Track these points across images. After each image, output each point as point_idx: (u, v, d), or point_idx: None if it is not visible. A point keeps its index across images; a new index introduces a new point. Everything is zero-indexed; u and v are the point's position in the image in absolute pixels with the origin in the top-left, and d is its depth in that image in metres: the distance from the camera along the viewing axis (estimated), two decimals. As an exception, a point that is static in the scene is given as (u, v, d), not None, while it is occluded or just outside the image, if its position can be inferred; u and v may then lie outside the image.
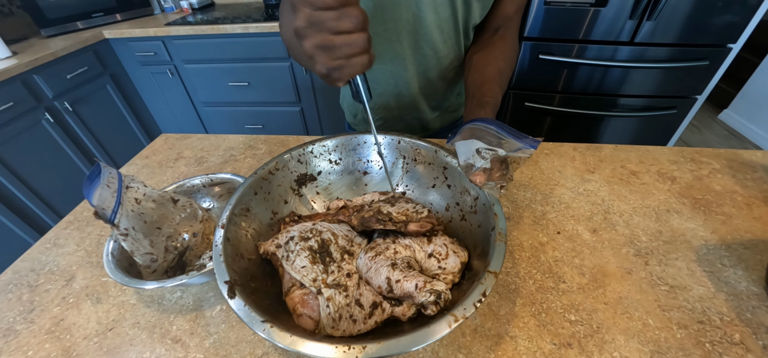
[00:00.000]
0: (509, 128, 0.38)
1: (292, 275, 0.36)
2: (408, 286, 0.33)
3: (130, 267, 0.42)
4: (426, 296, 0.31)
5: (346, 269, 0.37)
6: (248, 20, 1.57)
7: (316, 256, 0.37)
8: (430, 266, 0.37)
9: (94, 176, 0.38)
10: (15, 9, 1.64)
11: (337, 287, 0.35)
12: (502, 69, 0.54)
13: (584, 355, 0.35)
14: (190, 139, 0.76)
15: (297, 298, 0.34)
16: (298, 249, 0.37)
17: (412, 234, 0.39)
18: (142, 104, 1.94)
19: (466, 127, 0.42)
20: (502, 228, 0.35)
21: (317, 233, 0.40)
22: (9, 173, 1.32)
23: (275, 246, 0.39)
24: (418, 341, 0.27)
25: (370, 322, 0.33)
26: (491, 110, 0.47)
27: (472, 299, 0.29)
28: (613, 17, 1.19)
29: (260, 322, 0.28)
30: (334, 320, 0.33)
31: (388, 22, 0.55)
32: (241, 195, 0.41)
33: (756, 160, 0.60)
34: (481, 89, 0.50)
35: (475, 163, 0.39)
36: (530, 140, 0.36)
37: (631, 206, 0.52)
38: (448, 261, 0.37)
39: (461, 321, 0.27)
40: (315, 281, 0.35)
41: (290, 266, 0.36)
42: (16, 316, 0.42)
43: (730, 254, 0.44)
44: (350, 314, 0.34)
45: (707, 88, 1.32)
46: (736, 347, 0.35)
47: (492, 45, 0.57)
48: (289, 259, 0.37)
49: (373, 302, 0.34)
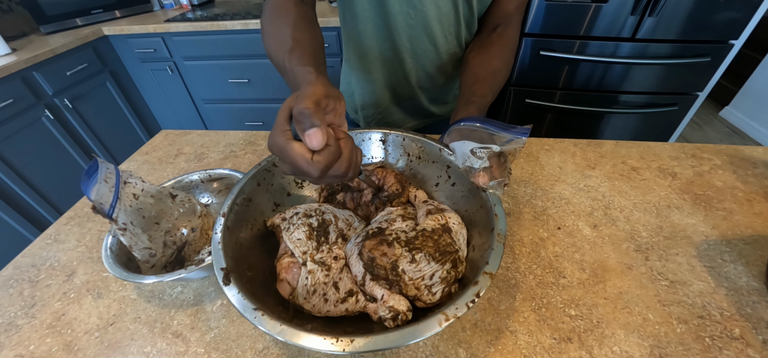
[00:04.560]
0: (495, 122, 0.38)
1: (287, 245, 0.38)
2: (376, 291, 0.34)
3: (129, 262, 0.42)
4: (384, 312, 0.32)
5: (335, 252, 0.39)
6: (248, 17, 1.57)
7: (313, 233, 0.39)
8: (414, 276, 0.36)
9: (92, 172, 0.38)
10: (14, 6, 1.63)
11: (322, 265, 0.36)
12: (496, 69, 0.53)
13: (584, 349, 0.35)
14: (190, 136, 0.76)
15: (284, 264, 0.37)
16: (299, 223, 0.39)
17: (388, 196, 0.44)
18: (142, 101, 1.93)
19: (452, 128, 0.42)
20: (502, 229, 0.34)
21: (320, 213, 0.42)
22: (9, 170, 1.32)
23: (281, 219, 0.41)
24: (407, 338, 0.27)
25: (340, 307, 0.35)
26: (476, 109, 0.46)
27: (465, 299, 0.29)
28: (614, 13, 1.18)
29: (252, 309, 0.29)
30: (308, 292, 0.35)
31: (388, 15, 0.55)
32: (244, 185, 0.41)
33: (757, 156, 0.60)
34: (471, 88, 0.50)
35: (473, 164, 0.38)
36: (519, 129, 0.36)
37: (631, 201, 0.52)
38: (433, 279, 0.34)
39: (452, 321, 0.27)
40: (304, 254, 0.37)
41: (288, 236, 0.38)
42: (17, 311, 0.42)
43: (731, 249, 0.44)
44: (324, 292, 0.35)
45: (709, 84, 1.32)
46: (736, 342, 0.35)
47: (489, 44, 0.56)
48: (289, 230, 0.39)
49: (350, 289, 0.36)
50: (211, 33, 1.58)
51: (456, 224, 0.39)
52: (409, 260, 0.34)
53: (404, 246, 0.35)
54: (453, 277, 0.34)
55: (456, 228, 0.38)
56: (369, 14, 0.57)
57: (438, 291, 0.33)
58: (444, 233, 0.37)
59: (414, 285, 0.33)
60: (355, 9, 0.57)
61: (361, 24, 0.58)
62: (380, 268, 0.34)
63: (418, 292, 0.33)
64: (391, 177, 0.46)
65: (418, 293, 0.33)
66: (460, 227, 0.39)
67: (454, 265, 0.35)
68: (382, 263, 0.34)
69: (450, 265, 0.34)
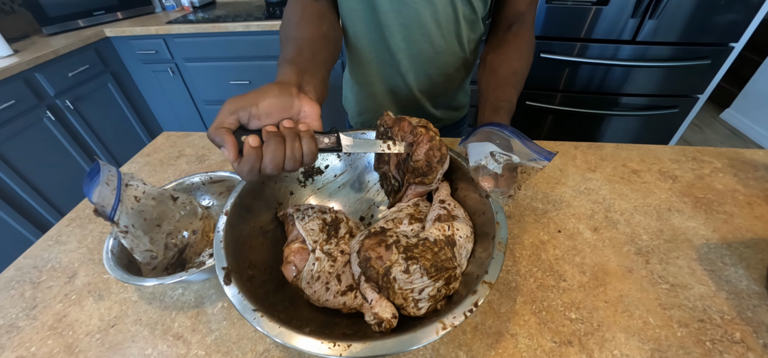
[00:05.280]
0: (525, 138, 0.37)
1: (300, 231, 0.39)
2: (368, 293, 0.34)
3: (130, 264, 0.42)
4: (369, 317, 0.32)
5: (342, 247, 0.39)
6: (250, 18, 1.57)
7: (325, 226, 0.40)
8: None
9: (94, 174, 0.38)
10: (16, 7, 1.64)
11: (329, 255, 0.38)
12: (517, 69, 0.52)
13: (585, 353, 0.35)
14: (192, 137, 0.76)
15: (294, 248, 0.38)
16: (314, 216, 0.41)
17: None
18: (144, 102, 1.94)
19: (481, 129, 0.41)
20: (503, 238, 0.34)
21: (333, 211, 0.43)
22: (11, 171, 1.32)
23: (295, 209, 0.42)
24: (404, 345, 0.27)
25: (339, 299, 0.35)
26: (506, 115, 0.45)
27: (463, 307, 0.29)
28: (615, 16, 1.18)
29: (251, 310, 0.29)
30: (312, 278, 0.36)
31: (378, 13, 0.54)
32: (248, 184, 0.41)
33: (758, 159, 0.60)
34: (496, 92, 0.49)
35: (488, 165, 0.37)
36: (545, 152, 0.36)
37: (632, 204, 0.52)
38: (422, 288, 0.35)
39: (449, 330, 0.27)
40: (315, 242, 0.38)
41: (302, 224, 0.40)
42: (18, 312, 0.42)
43: (731, 252, 0.44)
44: (327, 282, 0.36)
45: (709, 87, 1.32)
46: (736, 346, 0.35)
47: (506, 44, 0.55)
48: (303, 220, 0.41)
49: (350, 284, 0.36)
50: (212, 35, 1.59)
51: (463, 238, 0.37)
52: (403, 270, 0.33)
53: (402, 252, 0.34)
54: (443, 295, 0.33)
55: (461, 242, 0.37)
56: (360, 14, 0.55)
57: (424, 307, 0.33)
58: (446, 245, 0.35)
59: (402, 295, 0.33)
60: (344, 9, 0.56)
61: (352, 24, 0.57)
62: (373, 270, 0.34)
63: (405, 302, 0.33)
64: (423, 149, 0.40)
65: (405, 304, 0.33)
66: (467, 241, 0.37)
67: (447, 282, 0.33)
68: (376, 266, 0.34)
69: (442, 282, 0.33)
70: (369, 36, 0.58)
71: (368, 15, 0.55)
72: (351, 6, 0.55)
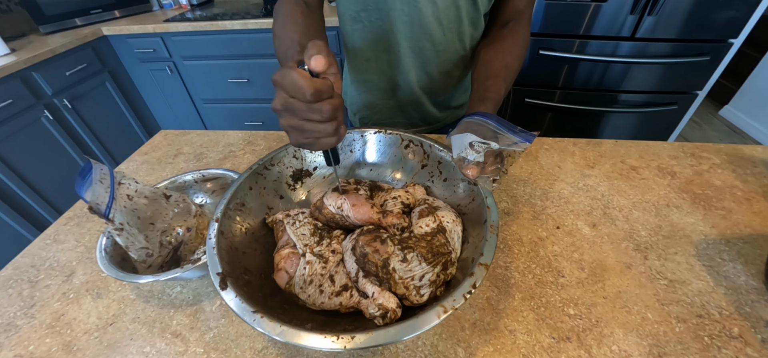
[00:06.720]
0: (505, 122, 0.38)
1: (290, 236, 0.39)
2: (368, 288, 0.34)
3: (123, 262, 0.42)
4: (374, 309, 0.32)
5: (334, 247, 0.39)
6: (247, 16, 1.56)
7: (316, 230, 0.41)
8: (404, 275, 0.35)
9: (86, 173, 0.38)
10: (13, 6, 1.63)
11: (320, 257, 0.38)
12: (509, 64, 0.52)
13: (583, 348, 0.35)
14: (190, 136, 0.76)
15: (284, 254, 0.38)
16: (305, 221, 0.42)
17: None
18: (142, 101, 1.93)
19: (463, 121, 0.42)
20: (494, 221, 0.35)
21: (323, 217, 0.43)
22: (8, 170, 1.32)
23: (285, 215, 0.42)
24: (407, 331, 0.27)
25: (335, 300, 0.35)
26: (492, 105, 0.46)
27: (461, 290, 0.29)
28: (614, 12, 1.18)
29: (251, 312, 0.29)
30: (305, 282, 0.36)
31: (381, 11, 0.54)
32: (236, 190, 0.41)
33: (756, 155, 0.60)
34: (485, 84, 0.49)
35: (468, 156, 0.39)
36: (525, 134, 0.36)
37: (630, 200, 0.52)
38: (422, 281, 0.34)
39: (450, 312, 0.28)
40: (305, 246, 0.38)
41: (292, 229, 0.40)
42: (16, 311, 0.42)
43: (730, 248, 0.44)
44: (320, 284, 0.36)
45: (708, 83, 1.32)
46: (734, 341, 0.35)
47: (501, 39, 0.55)
48: (294, 225, 0.41)
49: (345, 284, 0.36)
50: (210, 33, 1.58)
51: (450, 223, 0.38)
52: (401, 259, 0.34)
53: (397, 244, 0.35)
54: (442, 280, 0.34)
55: (450, 227, 0.38)
56: (361, 13, 0.55)
57: (426, 293, 0.33)
58: (438, 233, 0.37)
59: (403, 284, 0.33)
60: (345, 7, 0.56)
61: (353, 22, 0.57)
62: (371, 264, 0.35)
63: (406, 291, 0.33)
64: (394, 218, 0.40)
65: (407, 293, 0.33)
66: (455, 224, 0.39)
67: (445, 267, 0.34)
68: (374, 260, 0.34)
69: (441, 267, 0.34)
70: (370, 34, 0.58)
71: (373, 12, 0.55)
72: (351, 5, 0.55)
